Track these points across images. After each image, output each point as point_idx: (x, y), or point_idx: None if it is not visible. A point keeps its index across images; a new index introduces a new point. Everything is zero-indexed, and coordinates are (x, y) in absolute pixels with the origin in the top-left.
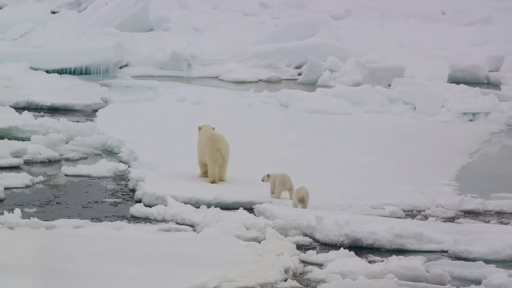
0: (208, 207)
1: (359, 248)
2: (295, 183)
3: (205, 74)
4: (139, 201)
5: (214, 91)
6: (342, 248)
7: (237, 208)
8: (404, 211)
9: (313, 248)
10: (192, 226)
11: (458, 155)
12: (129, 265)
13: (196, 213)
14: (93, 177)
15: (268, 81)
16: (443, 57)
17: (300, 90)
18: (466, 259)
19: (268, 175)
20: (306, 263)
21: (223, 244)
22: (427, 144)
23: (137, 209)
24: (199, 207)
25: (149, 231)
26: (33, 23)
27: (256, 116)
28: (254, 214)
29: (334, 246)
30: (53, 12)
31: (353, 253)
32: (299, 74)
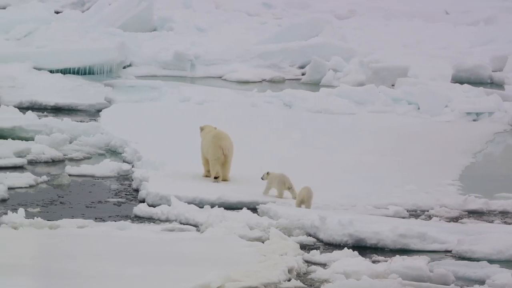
0: (211, 207)
1: (362, 248)
2: (299, 183)
3: (209, 74)
4: (142, 201)
5: (218, 91)
6: (346, 248)
7: (240, 208)
8: (408, 211)
9: (316, 248)
10: (196, 226)
11: (461, 155)
12: (131, 265)
13: (200, 213)
14: (96, 177)
15: (271, 81)
16: (446, 57)
17: (303, 90)
18: (470, 259)
19: (268, 173)
20: (309, 263)
21: (226, 244)
22: (431, 144)
23: (141, 209)
24: (202, 207)
25: (152, 231)
26: (36, 23)
27: (259, 116)
28: (258, 214)
29: (338, 246)
30: (57, 12)
31: (356, 253)
32: (303, 74)
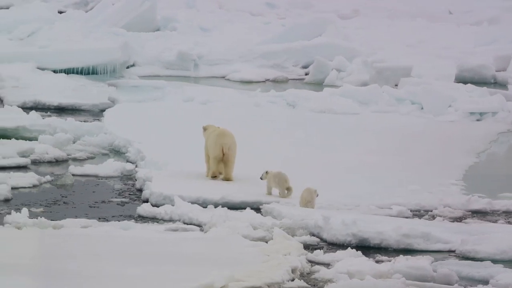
0: (215, 207)
1: (366, 248)
2: (302, 183)
3: (212, 74)
4: (146, 201)
5: (221, 91)
6: (349, 247)
7: (244, 208)
8: (411, 211)
9: (320, 248)
10: (199, 226)
11: (465, 154)
12: (132, 265)
13: (203, 213)
14: (100, 176)
15: (275, 81)
16: (450, 57)
17: (307, 90)
18: (473, 259)
19: (267, 172)
20: (313, 262)
21: (230, 244)
22: (434, 144)
23: (144, 209)
24: (206, 207)
25: (156, 231)
26: (39, 23)
27: (263, 116)
28: (261, 214)
29: (341, 246)
30: (60, 12)
31: (360, 252)
32: (306, 74)
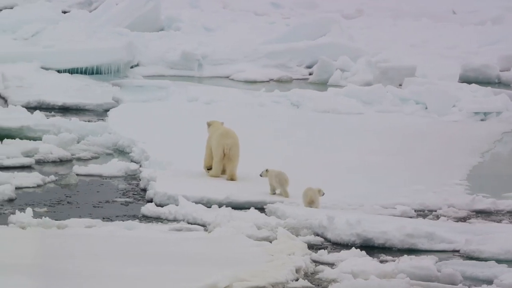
0: (219, 207)
1: (370, 247)
2: (307, 183)
3: (216, 74)
4: (150, 200)
5: (225, 90)
6: (354, 247)
7: (248, 208)
8: (416, 210)
9: (324, 248)
10: (204, 226)
11: (469, 154)
12: (133, 265)
13: (208, 213)
14: (104, 176)
15: (279, 81)
16: (454, 56)
17: (311, 89)
18: (477, 259)
19: (267, 170)
20: (317, 262)
21: (234, 244)
22: (438, 144)
23: (149, 208)
24: (210, 207)
25: (160, 231)
26: (43, 23)
27: (267, 116)
28: (266, 214)
29: (346, 246)
30: (64, 12)
31: (364, 252)
32: (310, 74)
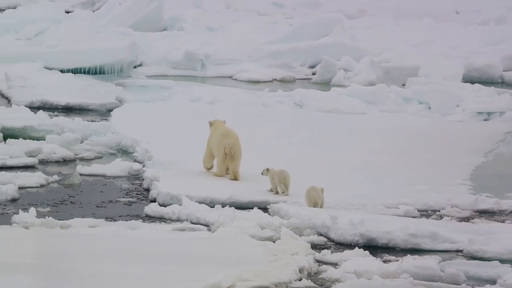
0: (222, 207)
1: (373, 247)
2: (309, 183)
3: (219, 74)
4: (153, 200)
5: (229, 90)
6: (357, 247)
7: (251, 208)
8: (419, 210)
9: (327, 248)
10: (207, 226)
11: (472, 154)
12: (134, 265)
13: (211, 213)
14: (107, 176)
15: (282, 81)
16: (457, 56)
17: (314, 89)
18: (481, 259)
19: (268, 169)
20: (320, 262)
21: (237, 244)
22: (441, 144)
23: (152, 208)
24: (213, 207)
25: (163, 230)
26: (47, 23)
27: (270, 116)
28: (269, 214)
29: (349, 246)
30: (67, 12)
31: (367, 252)
32: (313, 74)
